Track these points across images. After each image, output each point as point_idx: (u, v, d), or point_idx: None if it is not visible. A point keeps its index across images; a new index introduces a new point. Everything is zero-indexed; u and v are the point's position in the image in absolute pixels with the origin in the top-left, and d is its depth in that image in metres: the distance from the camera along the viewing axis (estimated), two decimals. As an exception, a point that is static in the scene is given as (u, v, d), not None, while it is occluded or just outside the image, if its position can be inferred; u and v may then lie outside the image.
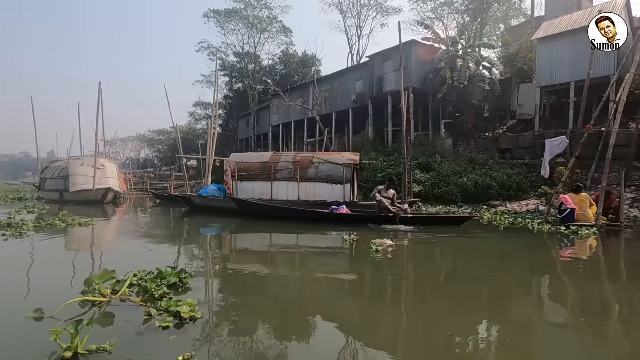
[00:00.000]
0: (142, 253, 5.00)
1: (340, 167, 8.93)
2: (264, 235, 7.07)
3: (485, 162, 14.68)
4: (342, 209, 7.74)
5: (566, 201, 7.20)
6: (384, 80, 19.17)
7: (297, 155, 9.76)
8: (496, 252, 5.74)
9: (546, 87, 15.65)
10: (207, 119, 47.17)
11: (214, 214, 9.13)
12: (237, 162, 9.76)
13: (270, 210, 8.14)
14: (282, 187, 9.21)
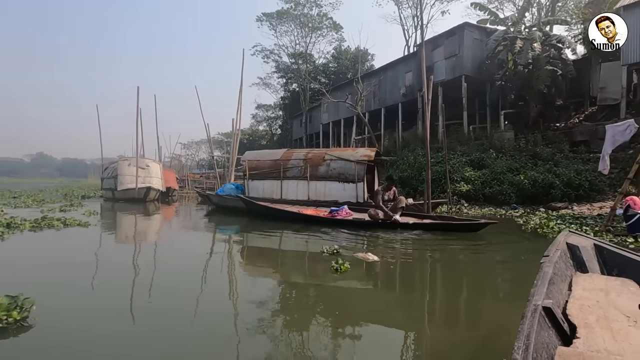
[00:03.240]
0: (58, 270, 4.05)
1: (352, 164, 8.20)
2: (241, 236, 6.83)
3: (550, 157, 12.55)
4: (342, 210, 7.05)
5: (634, 204, 5.59)
6: (434, 69, 17.62)
7: (310, 152, 9.24)
8: (496, 281, 4.11)
9: (635, 64, 12.83)
10: (267, 120, 49.19)
11: (232, 213, 9.12)
12: (249, 160, 9.62)
13: (270, 211, 7.79)
14: (291, 186, 8.79)
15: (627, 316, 1.53)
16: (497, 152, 13.84)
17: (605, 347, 1.26)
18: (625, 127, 6.41)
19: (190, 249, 5.69)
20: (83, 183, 42.31)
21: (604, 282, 1.96)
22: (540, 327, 1.26)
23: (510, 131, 15.42)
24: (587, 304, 1.64)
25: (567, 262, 2.15)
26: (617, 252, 2.21)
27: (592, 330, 1.39)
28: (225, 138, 61.33)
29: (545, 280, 1.63)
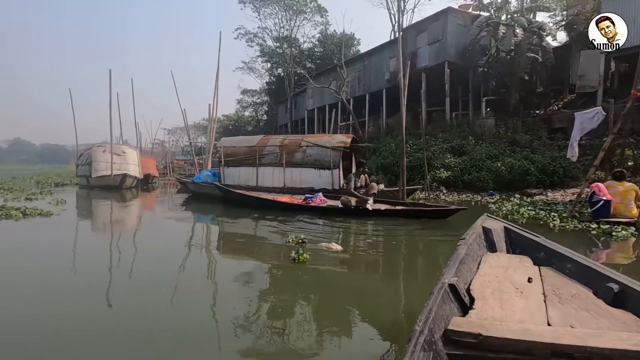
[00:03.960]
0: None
1: (328, 150, 8.12)
2: (212, 225, 6.75)
3: (529, 144, 12.72)
4: (317, 197, 7.01)
5: (599, 190, 5.69)
6: (418, 55, 17.52)
7: (286, 139, 9.11)
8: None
9: (613, 52, 12.92)
10: (253, 105, 48.41)
11: (209, 201, 8.97)
12: (225, 146, 9.43)
13: (244, 199, 7.69)
14: (267, 173, 8.67)
15: (516, 288, 1.73)
16: (477, 139, 13.96)
17: (493, 315, 1.43)
18: (593, 114, 6.48)
19: (157, 237, 5.58)
20: (64, 170, 41.01)
21: (507, 259, 2.19)
22: (443, 302, 1.42)
23: (491, 118, 15.52)
24: (488, 279, 1.82)
25: (481, 243, 2.39)
26: (520, 234, 2.48)
27: (486, 302, 1.55)
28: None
29: (457, 261, 1.82)
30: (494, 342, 1.16)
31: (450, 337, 1.21)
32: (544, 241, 2.29)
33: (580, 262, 1.95)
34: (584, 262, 1.94)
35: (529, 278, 1.83)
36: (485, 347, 1.17)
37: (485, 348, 1.17)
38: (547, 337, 1.18)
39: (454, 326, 1.23)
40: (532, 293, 1.67)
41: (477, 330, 1.20)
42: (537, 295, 1.66)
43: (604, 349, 1.10)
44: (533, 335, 1.18)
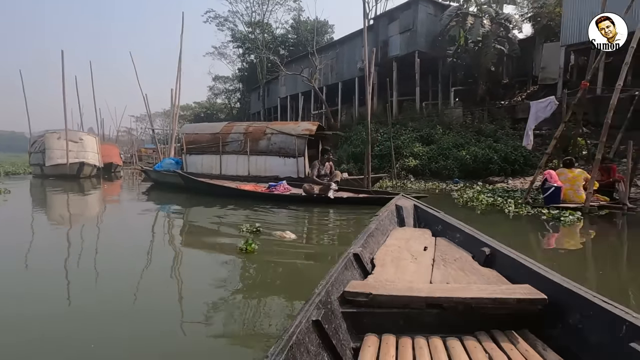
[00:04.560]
0: None
1: (293, 138, 8.00)
2: (169, 214, 6.46)
3: (493, 133, 13.10)
4: (280, 186, 6.91)
5: (550, 177, 5.94)
6: (389, 44, 17.53)
7: (250, 126, 8.87)
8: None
9: (573, 45, 13.46)
10: (225, 92, 47.11)
11: (171, 189, 8.65)
12: (187, 133, 9.09)
13: (206, 187, 7.46)
14: (231, 160, 8.45)
15: (412, 255, 1.97)
16: (445, 128, 14.22)
17: (387, 278, 1.63)
18: (547, 103, 6.71)
19: (105, 230, 5.25)
20: (21, 159, 38.47)
21: (411, 232, 2.49)
22: (346, 269, 1.60)
23: (459, 108, 15.84)
24: (391, 249, 2.06)
25: (392, 219, 2.70)
26: (425, 210, 2.77)
27: (385, 267, 1.76)
28: (181, 111, 58.33)
29: (365, 235, 2.05)
30: (382, 299, 1.34)
31: (346, 298, 1.37)
32: (443, 216, 2.56)
33: (466, 231, 2.22)
34: (469, 231, 2.20)
35: (425, 247, 2.10)
36: (375, 304, 1.34)
37: (375, 305, 1.34)
38: (423, 292, 1.37)
39: (350, 288, 1.39)
40: (425, 259, 1.92)
41: (369, 290, 1.36)
42: (427, 260, 1.91)
43: (466, 299, 1.32)
44: (413, 292, 1.37)
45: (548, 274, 1.46)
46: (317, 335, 1.13)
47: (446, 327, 1.32)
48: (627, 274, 3.40)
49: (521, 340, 1.24)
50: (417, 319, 1.34)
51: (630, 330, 1.07)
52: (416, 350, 1.20)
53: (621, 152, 10.10)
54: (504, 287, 1.45)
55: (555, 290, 1.34)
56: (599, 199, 6.30)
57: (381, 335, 1.28)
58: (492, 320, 1.32)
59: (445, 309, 1.33)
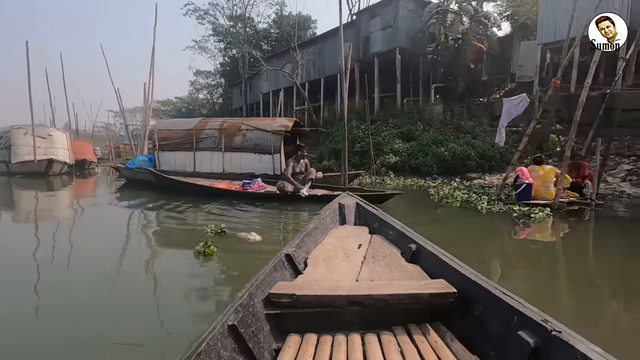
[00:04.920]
0: None
1: (269, 134, 7.84)
2: (139, 214, 6.19)
3: (471, 130, 13.26)
4: (255, 183, 6.77)
5: (522, 174, 6.02)
6: (370, 40, 17.48)
7: (225, 122, 8.67)
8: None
9: (548, 44, 13.72)
10: (207, 88, 46.22)
11: (144, 187, 8.34)
12: (160, 129, 8.81)
13: (179, 185, 7.23)
14: (205, 157, 8.23)
15: (345, 253, 1.97)
16: (425, 125, 14.30)
17: (316, 277, 1.63)
18: (519, 101, 6.79)
19: (67, 231, 5.01)
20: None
21: (350, 230, 2.50)
22: (275, 270, 1.60)
23: (439, 105, 15.97)
24: (327, 247, 2.06)
25: (334, 217, 2.72)
26: (365, 207, 2.78)
27: (316, 267, 1.77)
28: (162, 106, 56.94)
29: (302, 235, 2.09)
30: (306, 299, 1.35)
31: (270, 300, 1.38)
32: (380, 213, 2.59)
33: (398, 229, 2.25)
34: (400, 228, 2.23)
35: (359, 245, 2.12)
36: (299, 305, 1.35)
37: (299, 305, 1.35)
38: (346, 291, 1.40)
39: (275, 290, 1.39)
40: (357, 257, 1.94)
41: (293, 291, 1.37)
42: (359, 258, 1.93)
43: (384, 295, 1.36)
44: (336, 291, 1.40)
45: (461, 269, 1.51)
46: (232, 340, 1.13)
47: (366, 324, 1.37)
48: (582, 269, 3.44)
49: (433, 332, 1.31)
50: (340, 317, 1.37)
51: (520, 320, 1.14)
52: (334, 347, 1.23)
53: (593, 149, 10.34)
54: (421, 282, 1.51)
55: (465, 284, 1.41)
56: (569, 195, 6.42)
57: (303, 335, 1.31)
58: (409, 314, 1.39)
59: (365, 306, 1.36)
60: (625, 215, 5.89)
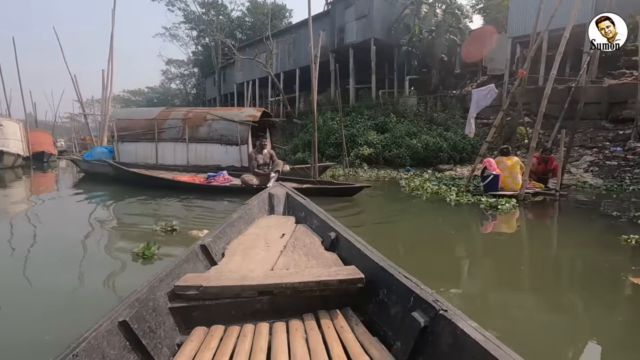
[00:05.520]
0: None
1: (235, 125, 7.52)
2: (91, 209, 5.62)
3: (444, 122, 13.36)
4: (220, 176, 6.48)
5: (490, 165, 6.03)
6: (345, 30, 17.24)
7: (190, 112, 8.26)
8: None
9: (518, 37, 13.96)
10: (180, 77, 44.65)
11: (104, 181, 7.82)
12: (119, 119, 8.28)
13: (139, 178, 6.82)
14: (168, 149, 7.82)
15: (267, 243, 1.95)
16: (399, 116, 14.30)
17: (230, 268, 1.59)
18: (488, 91, 6.80)
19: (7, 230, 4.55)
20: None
21: (276, 220, 2.49)
22: (187, 262, 1.56)
23: (414, 97, 16.01)
24: (249, 238, 2.05)
25: (263, 207, 2.71)
26: (294, 197, 2.79)
27: (233, 258, 1.73)
28: (132, 96, 54.66)
29: (223, 225, 2.06)
30: (214, 290, 1.32)
31: (176, 293, 1.32)
32: (307, 203, 2.60)
33: (321, 217, 2.25)
34: (323, 217, 2.24)
35: (283, 234, 2.12)
36: (206, 296, 1.32)
37: (207, 297, 1.32)
38: (255, 280, 1.38)
39: (181, 282, 1.34)
40: (277, 246, 1.92)
41: (200, 282, 1.33)
42: (279, 247, 1.91)
43: (294, 283, 1.36)
44: (245, 281, 1.38)
45: (372, 255, 1.53)
46: (123, 337, 1.07)
47: (276, 313, 1.37)
48: (541, 260, 3.43)
49: (341, 317, 1.34)
50: (250, 307, 1.36)
51: (415, 301, 1.19)
52: (240, 338, 1.21)
53: (559, 140, 10.68)
54: (332, 269, 1.50)
55: (374, 270, 1.45)
56: (534, 186, 6.52)
57: (210, 327, 1.27)
58: (320, 301, 1.41)
59: (276, 294, 1.36)
60: (587, 205, 6.02)
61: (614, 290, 2.60)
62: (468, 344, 0.96)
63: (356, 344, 1.17)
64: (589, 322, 2.16)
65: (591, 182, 8.23)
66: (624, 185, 7.66)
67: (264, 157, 6.05)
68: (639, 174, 8.35)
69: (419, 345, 1.11)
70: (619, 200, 6.36)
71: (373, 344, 1.18)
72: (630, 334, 2.01)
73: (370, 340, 1.20)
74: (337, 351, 1.13)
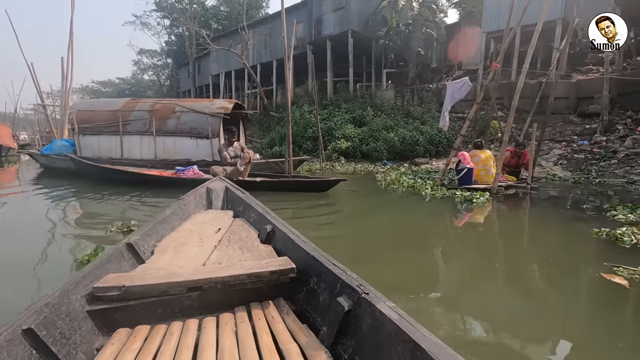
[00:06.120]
0: None
1: (206, 117, 7.21)
2: (46, 206, 5.12)
3: (420, 116, 13.42)
4: (189, 170, 6.18)
5: (464, 158, 6.04)
6: (323, 21, 16.98)
7: (157, 103, 7.84)
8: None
9: (492, 32, 14.15)
10: (153, 68, 43.01)
11: (65, 176, 7.32)
12: (80, 110, 7.76)
13: (102, 172, 6.42)
14: (134, 142, 7.40)
15: (200, 239, 1.88)
16: (377, 110, 14.26)
17: (158, 265, 1.52)
18: (462, 84, 6.80)
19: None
20: None
21: (213, 214, 2.41)
22: (109, 261, 1.48)
23: (391, 90, 16.01)
24: (182, 234, 1.96)
25: (200, 202, 2.61)
26: (232, 191, 2.72)
27: (163, 255, 1.65)
28: (102, 87, 52.30)
29: (154, 222, 1.96)
30: (138, 290, 1.26)
31: (95, 295, 1.26)
32: (245, 197, 2.55)
33: (259, 211, 2.22)
34: (261, 211, 2.21)
35: (219, 228, 2.07)
36: (130, 297, 1.26)
37: (130, 297, 1.26)
38: (183, 277, 1.33)
39: (101, 283, 1.27)
40: (211, 241, 1.86)
41: (123, 282, 1.26)
42: (213, 242, 1.86)
43: (224, 277, 1.34)
44: (173, 277, 1.32)
45: (304, 245, 1.54)
46: (28, 346, 1.01)
47: (207, 308, 1.34)
48: (506, 249, 3.42)
49: (272, 308, 1.35)
50: (179, 304, 1.32)
51: (341, 287, 1.22)
52: (166, 336, 1.17)
53: (530, 134, 10.94)
54: (264, 261, 1.49)
55: (305, 259, 1.46)
56: (507, 179, 6.60)
57: (134, 328, 1.23)
58: (252, 294, 1.40)
59: (205, 290, 1.33)
60: (558, 198, 6.14)
61: (584, 283, 2.59)
62: (385, 322, 1.01)
63: (285, 332, 1.19)
64: (558, 315, 2.12)
65: (560, 174, 8.46)
66: (590, 178, 7.91)
67: (234, 150, 5.80)
68: (604, 166, 8.65)
69: (343, 328, 1.15)
70: (586, 192, 6.54)
71: (302, 330, 1.21)
72: (599, 328, 1.97)
73: (300, 327, 1.22)
74: (266, 341, 1.14)
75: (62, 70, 9.33)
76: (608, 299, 2.31)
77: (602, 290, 2.42)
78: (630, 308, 2.22)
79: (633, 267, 2.58)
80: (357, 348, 1.09)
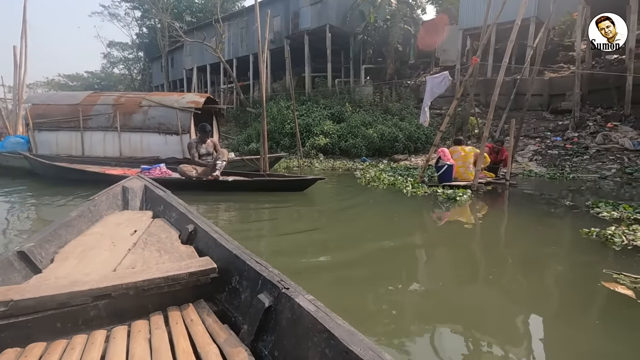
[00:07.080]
0: None
1: (175, 112, 6.78)
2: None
3: (399, 112, 13.36)
4: (156, 169, 5.76)
5: (444, 155, 5.94)
6: (300, 15, 16.61)
7: (122, 97, 7.31)
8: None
9: (469, 29, 14.27)
10: (124, 62, 41.17)
11: (19, 175, 6.69)
12: (35, 104, 7.13)
13: (60, 172, 5.80)
14: (97, 138, 6.86)
15: (113, 243, 1.76)
16: (355, 106, 14.10)
17: (59, 274, 1.40)
18: (442, 79, 6.71)
19: None
20: None
21: (129, 215, 2.26)
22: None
23: (370, 86, 15.89)
24: (88, 238, 1.81)
25: (114, 202, 2.42)
26: (152, 190, 2.54)
27: (65, 262, 1.52)
28: (69, 81, 49.67)
29: (54, 226, 1.77)
30: (29, 303, 1.14)
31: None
32: (166, 196, 2.40)
33: (181, 210, 2.10)
34: (183, 210, 2.09)
35: (135, 230, 1.95)
36: (21, 312, 1.13)
37: (21, 312, 1.13)
38: (88, 285, 1.22)
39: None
40: (125, 244, 1.75)
41: (10, 297, 1.13)
42: (127, 245, 1.74)
43: (137, 282, 1.25)
44: (75, 286, 1.20)
45: (227, 244, 1.49)
46: None
47: (117, 317, 1.24)
48: (487, 246, 3.29)
49: (192, 311, 1.28)
50: (81, 315, 1.21)
51: (262, 284, 1.21)
52: (66, 353, 1.07)
53: (506, 130, 11.08)
54: (183, 263, 1.41)
55: (228, 258, 1.42)
56: (486, 175, 6.56)
57: (25, 348, 1.10)
58: (169, 297, 1.32)
59: (115, 297, 1.24)
60: (537, 194, 6.15)
61: (586, 294, 2.46)
62: (303, 315, 1.02)
63: (205, 334, 1.14)
64: (570, 335, 1.96)
65: (536, 170, 8.56)
66: (565, 174, 8.03)
67: (206, 147, 5.42)
68: (577, 162, 8.83)
69: (264, 324, 1.13)
70: (564, 188, 6.59)
71: (222, 331, 1.17)
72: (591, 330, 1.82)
73: (220, 328, 1.18)
74: (183, 345, 1.09)
75: (15, 60, 8.56)
76: (617, 313, 2.06)
77: (609, 303, 2.19)
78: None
79: (635, 275, 2.40)
80: (276, 343, 1.09)
